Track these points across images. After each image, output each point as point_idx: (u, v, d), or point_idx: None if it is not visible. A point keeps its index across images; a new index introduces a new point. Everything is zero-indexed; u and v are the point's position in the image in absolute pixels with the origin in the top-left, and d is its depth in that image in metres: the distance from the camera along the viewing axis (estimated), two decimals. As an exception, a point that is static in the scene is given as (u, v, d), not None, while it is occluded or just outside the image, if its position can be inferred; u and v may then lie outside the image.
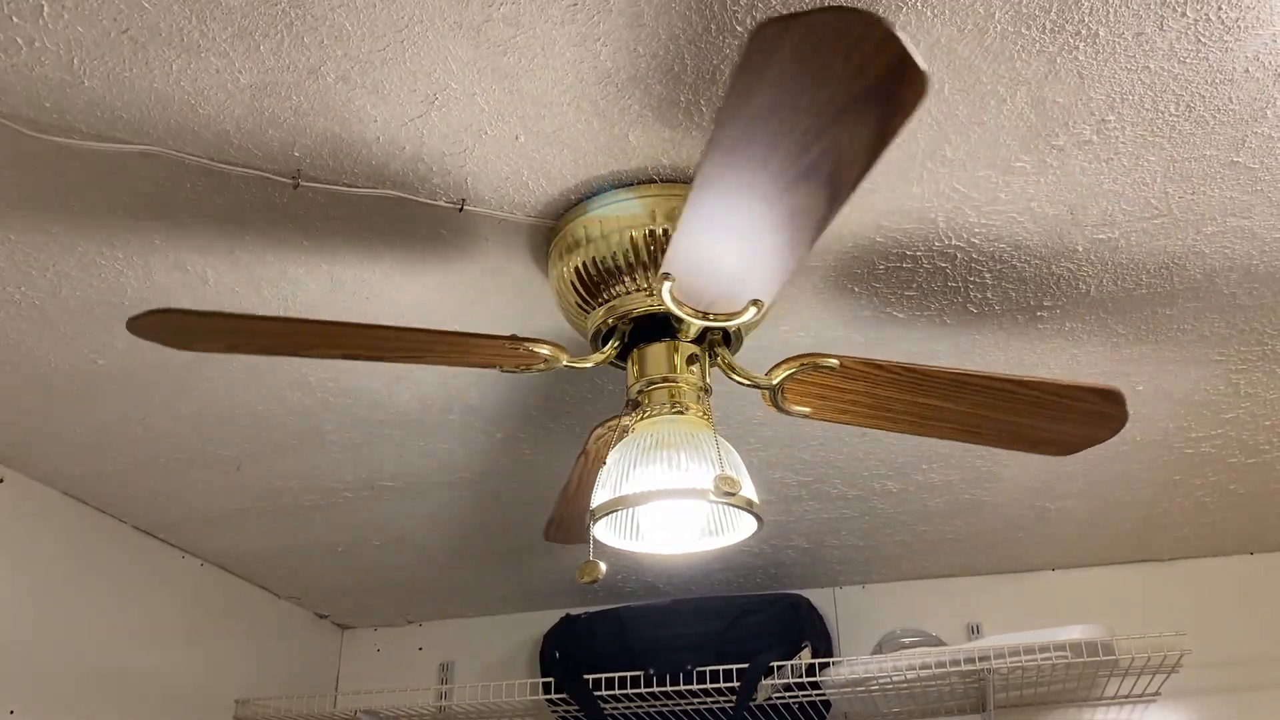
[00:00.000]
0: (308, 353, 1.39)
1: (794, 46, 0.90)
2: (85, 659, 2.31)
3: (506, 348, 1.38)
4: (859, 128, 0.97)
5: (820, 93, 0.94)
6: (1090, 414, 1.50)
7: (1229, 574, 2.72)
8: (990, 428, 1.53)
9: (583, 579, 1.36)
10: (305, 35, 1.18)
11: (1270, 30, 1.19)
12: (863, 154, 1.00)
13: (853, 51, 0.89)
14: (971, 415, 1.49)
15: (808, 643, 2.56)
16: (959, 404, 1.46)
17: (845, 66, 0.91)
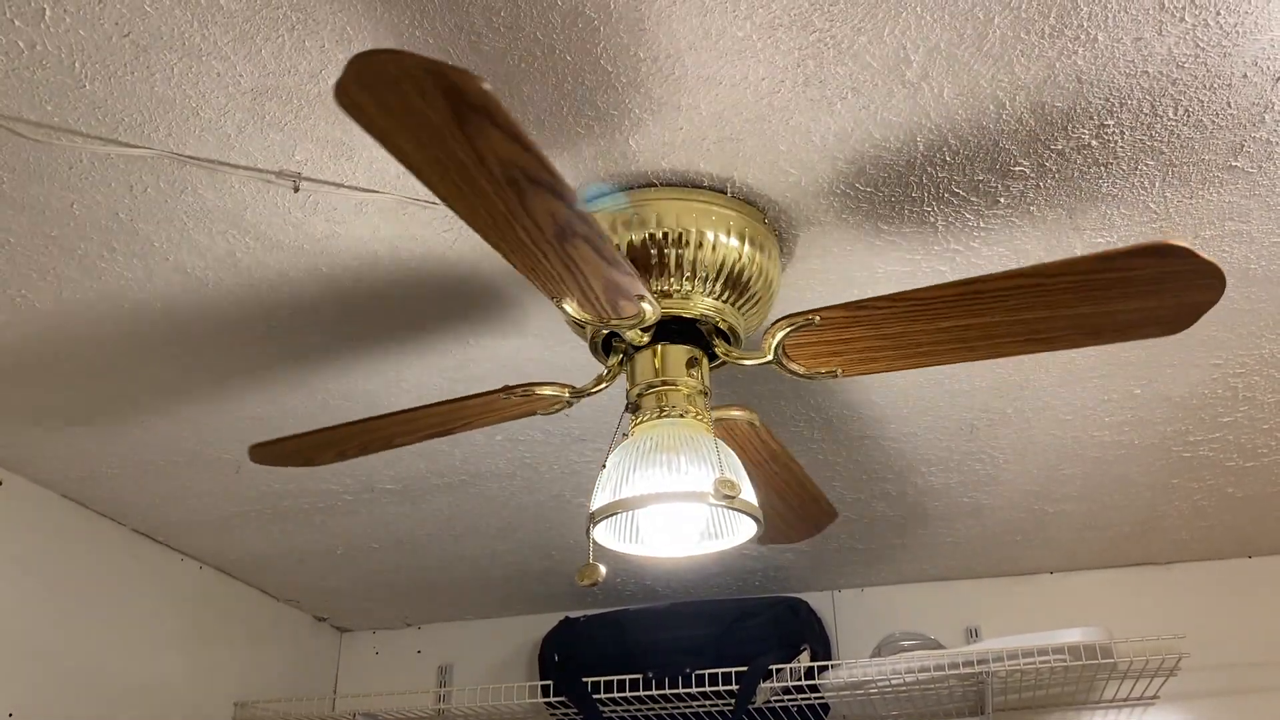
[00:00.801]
0: (395, 443, 1.57)
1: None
2: (84, 662, 2.31)
3: (516, 401, 1.43)
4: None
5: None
6: (1174, 281, 1.26)
7: (1227, 577, 2.73)
8: (1049, 328, 1.34)
9: (582, 582, 1.36)
10: (306, 39, 1.18)
11: (1268, 35, 1.20)
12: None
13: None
14: (1008, 323, 1.30)
15: (806, 646, 2.56)
16: (987, 316, 1.29)
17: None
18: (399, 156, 1.03)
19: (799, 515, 1.85)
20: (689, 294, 1.43)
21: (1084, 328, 1.29)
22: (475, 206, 1.10)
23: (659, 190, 1.42)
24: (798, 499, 1.79)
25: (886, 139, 1.34)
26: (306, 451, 1.63)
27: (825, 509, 1.85)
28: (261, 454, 1.64)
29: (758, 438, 1.60)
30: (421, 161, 1.03)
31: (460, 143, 0.99)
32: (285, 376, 1.86)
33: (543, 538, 2.56)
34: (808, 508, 1.83)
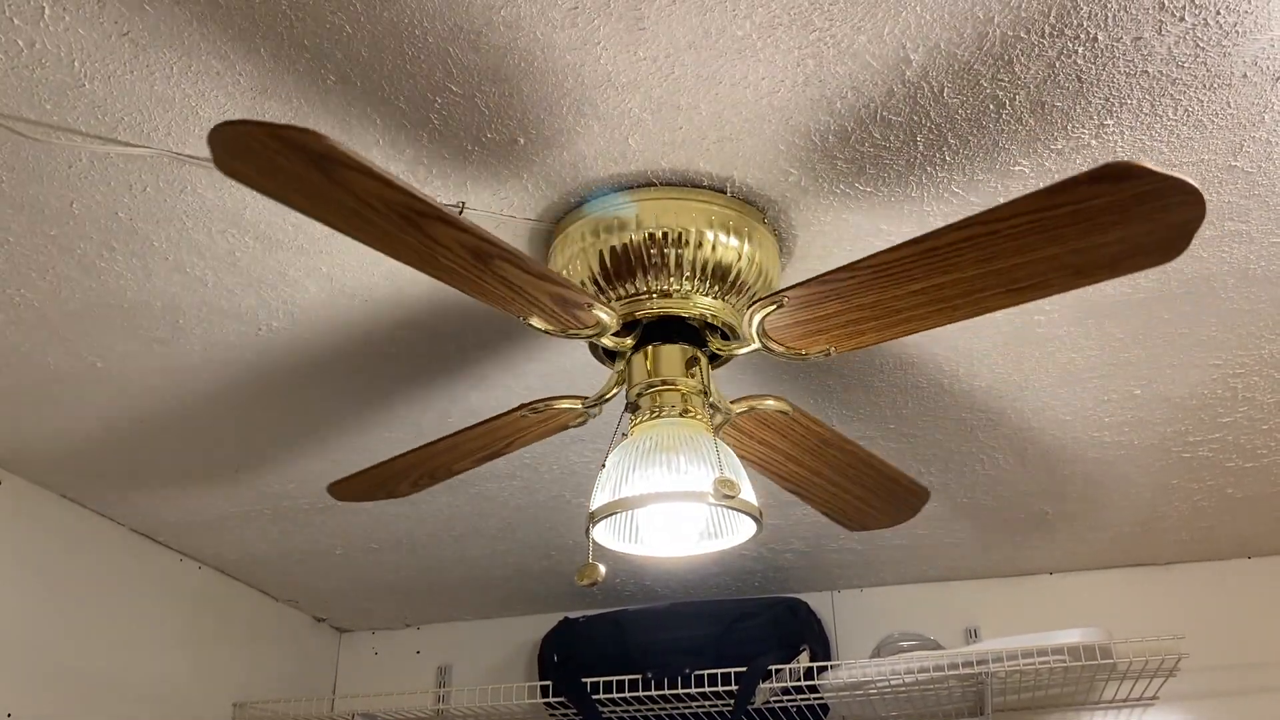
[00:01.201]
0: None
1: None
2: (83, 662, 2.31)
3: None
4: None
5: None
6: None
7: (1227, 578, 2.73)
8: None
9: (582, 581, 1.36)
10: (305, 38, 1.18)
11: (1268, 35, 1.20)
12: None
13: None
14: (981, 276, 1.25)
15: (806, 646, 2.56)
16: (956, 272, 1.24)
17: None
18: (302, 211, 1.09)
19: (880, 498, 1.77)
20: (688, 294, 1.43)
21: (1064, 268, 1.18)
22: (394, 245, 1.16)
23: (658, 190, 1.42)
24: (871, 480, 1.72)
25: (887, 139, 1.34)
26: (386, 484, 1.74)
27: (908, 488, 1.76)
28: (341, 491, 1.76)
29: (799, 424, 1.58)
30: (322, 213, 1.10)
31: (338, 191, 1.06)
32: (282, 376, 1.86)
33: (542, 538, 2.56)
34: (887, 489, 1.75)
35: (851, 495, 1.76)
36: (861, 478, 1.71)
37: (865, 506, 1.80)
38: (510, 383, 1.89)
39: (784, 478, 1.71)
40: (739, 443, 1.61)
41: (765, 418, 1.56)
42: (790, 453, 1.64)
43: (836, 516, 1.82)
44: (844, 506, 1.79)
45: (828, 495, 1.75)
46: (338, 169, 1.03)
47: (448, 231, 1.14)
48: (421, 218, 1.12)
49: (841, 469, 1.69)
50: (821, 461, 1.66)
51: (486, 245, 1.17)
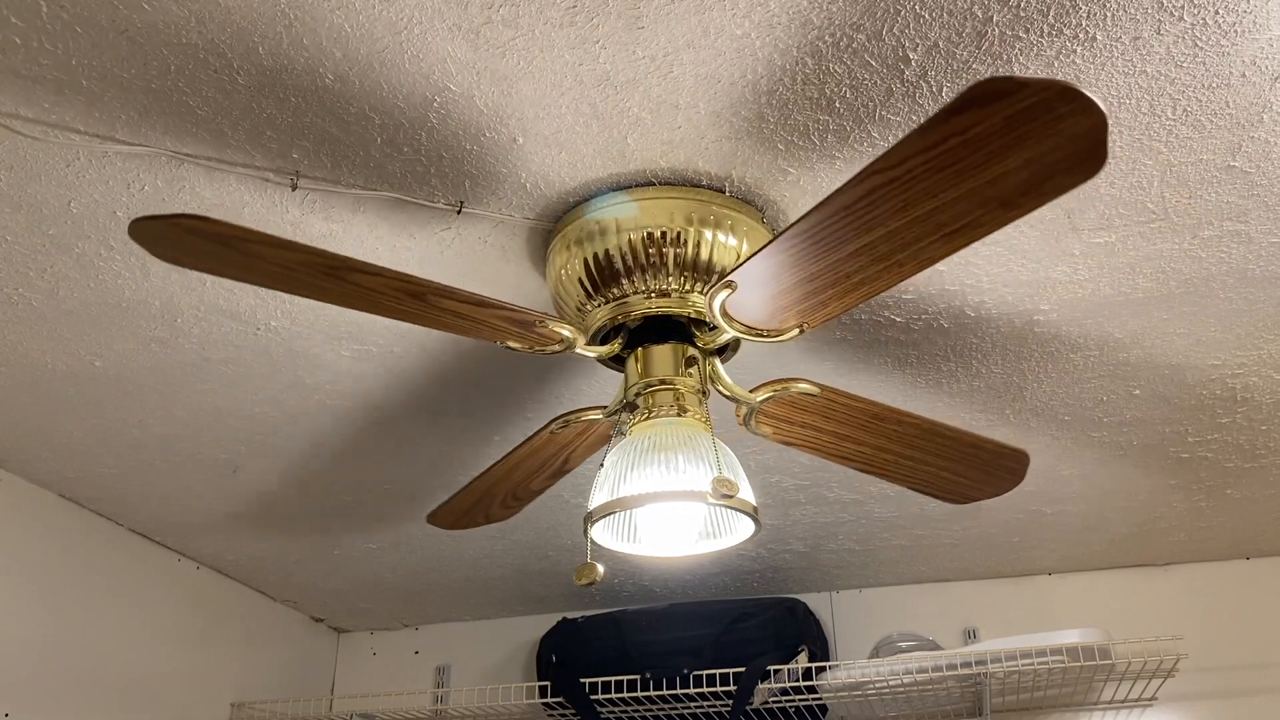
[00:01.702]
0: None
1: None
2: (81, 662, 2.31)
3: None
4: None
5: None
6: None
7: (1225, 579, 2.73)
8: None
9: (580, 581, 1.36)
10: (304, 36, 1.18)
11: (1267, 35, 1.20)
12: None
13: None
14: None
15: (804, 647, 2.56)
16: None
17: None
18: (249, 282, 1.21)
19: (968, 466, 1.65)
20: (686, 293, 1.43)
21: (986, 202, 1.12)
22: (334, 296, 1.26)
23: (657, 189, 1.41)
24: (949, 450, 1.62)
25: (885, 138, 1.34)
26: (486, 510, 1.78)
27: (996, 452, 1.63)
28: (441, 520, 1.80)
29: (836, 402, 1.51)
30: (257, 279, 1.21)
31: (257, 261, 1.17)
32: (282, 375, 1.85)
33: (540, 538, 2.55)
34: (971, 457, 1.63)
35: (933, 468, 1.64)
36: (938, 449, 1.60)
37: (955, 477, 1.67)
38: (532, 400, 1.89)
39: (848, 459, 1.62)
40: (779, 430, 1.55)
41: (795, 401, 1.50)
42: (841, 432, 1.56)
43: (930, 491, 1.71)
44: (931, 480, 1.68)
45: (906, 471, 1.65)
46: (244, 244, 1.14)
47: (369, 279, 1.22)
48: (339, 270, 1.20)
49: (910, 442, 1.58)
50: (882, 437, 1.57)
51: (414, 285, 1.24)
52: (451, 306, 1.29)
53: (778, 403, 1.50)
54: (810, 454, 1.61)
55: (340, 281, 1.23)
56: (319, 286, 1.23)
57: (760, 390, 1.49)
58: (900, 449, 1.60)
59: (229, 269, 1.19)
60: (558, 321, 1.36)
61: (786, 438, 1.57)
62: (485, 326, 1.34)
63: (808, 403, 1.51)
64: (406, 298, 1.26)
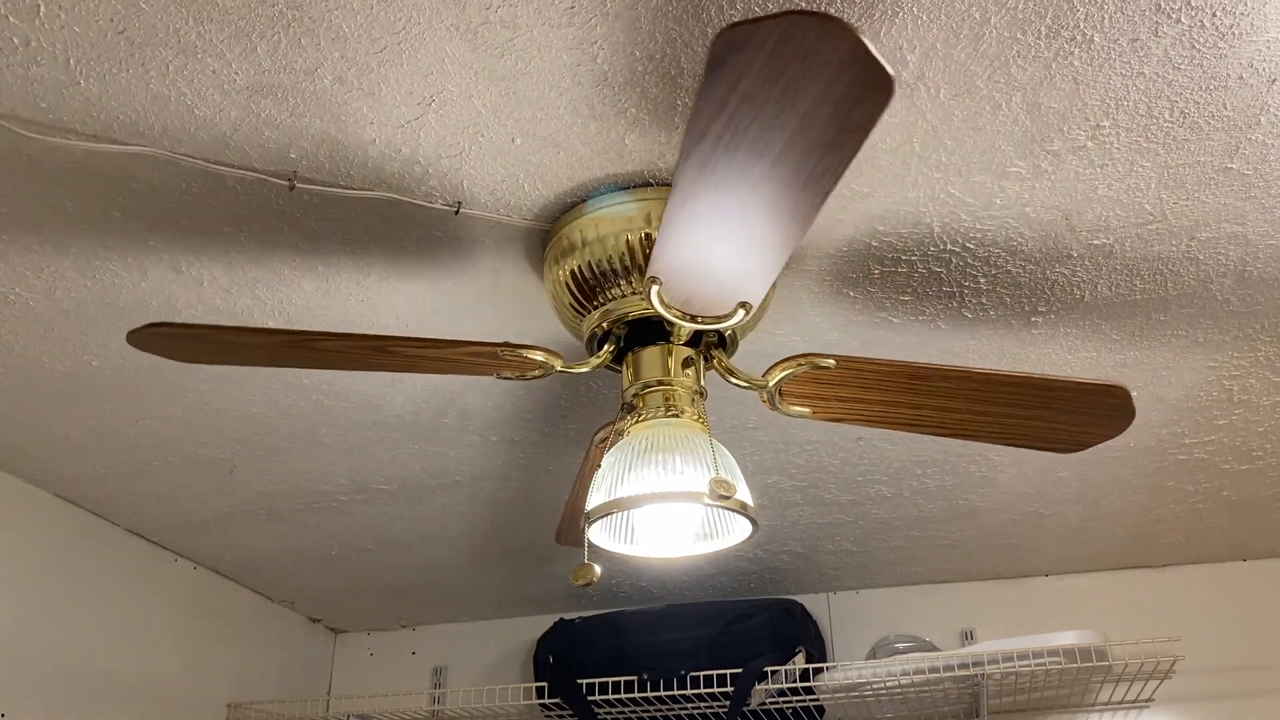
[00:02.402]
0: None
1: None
2: (77, 662, 2.30)
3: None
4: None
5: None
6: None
7: (1222, 580, 2.73)
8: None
9: (577, 582, 1.35)
10: (302, 37, 1.18)
11: (1264, 37, 1.20)
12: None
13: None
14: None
15: (801, 648, 2.56)
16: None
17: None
18: (236, 364, 1.42)
19: (1060, 411, 1.49)
20: None
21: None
22: (311, 361, 1.39)
23: (656, 190, 1.41)
24: (1028, 398, 1.47)
25: (882, 140, 1.34)
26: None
27: (1084, 390, 1.44)
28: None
29: (865, 370, 1.42)
30: (246, 360, 1.39)
31: (243, 351, 1.37)
32: (279, 375, 1.85)
33: (538, 539, 2.55)
34: (1058, 400, 1.47)
35: (1017, 419, 1.50)
36: (1010, 398, 1.46)
37: (1049, 425, 1.52)
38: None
39: (913, 425, 1.52)
40: (817, 408, 1.48)
41: (820, 377, 1.42)
42: (889, 399, 1.46)
43: (1031, 444, 1.56)
44: (1024, 432, 1.53)
45: (988, 427, 1.52)
46: (220, 335, 1.32)
47: (335, 343, 1.35)
48: (304, 343, 1.35)
49: (976, 397, 1.45)
50: (940, 396, 1.45)
51: (376, 340, 1.36)
52: (416, 353, 1.39)
53: (801, 381, 1.43)
54: (874, 427, 1.51)
55: (310, 351, 1.37)
56: (294, 359, 1.39)
57: (772, 372, 1.43)
58: (970, 406, 1.47)
59: (214, 358, 1.41)
60: (529, 349, 1.40)
61: (830, 414, 1.49)
62: (458, 365, 1.39)
63: (833, 376, 1.42)
64: (372, 353, 1.39)
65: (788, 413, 1.48)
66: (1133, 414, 1.49)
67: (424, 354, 1.39)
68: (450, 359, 1.40)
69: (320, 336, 1.33)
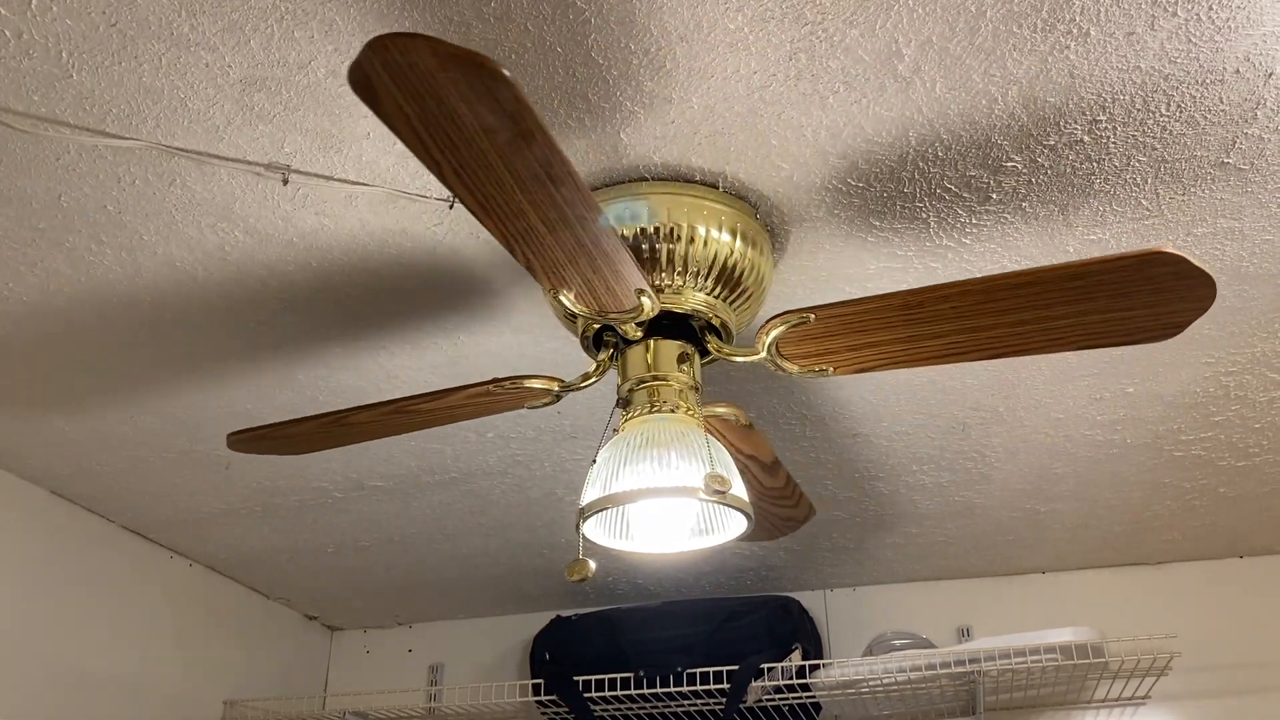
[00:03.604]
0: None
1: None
2: (72, 659, 2.30)
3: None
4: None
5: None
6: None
7: (1219, 577, 2.72)
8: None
9: (572, 577, 1.35)
10: (295, 29, 1.18)
11: (1260, 30, 1.20)
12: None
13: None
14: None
15: (798, 645, 2.56)
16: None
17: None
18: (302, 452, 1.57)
19: (1119, 296, 1.23)
20: (680, 289, 1.43)
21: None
22: (359, 437, 1.51)
23: (650, 184, 1.41)
24: (1068, 291, 1.23)
25: (879, 134, 1.34)
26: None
27: (1125, 266, 1.18)
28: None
29: (852, 313, 1.32)
30: (305, 449, 1.50)
31: (299, 438, 1.55)
32: (275, 371, 1.85)
33: (534, 536, 2.55)
34: (1105, 285, 1.21)
35: (1070, 317, 1.26)
36: (1044, 299, 1.25)
37: (1107, 315, 1.26)
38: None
39: (948, 354, 1.36)
40: (833, 362, 1.39)
41: (813, 334, 1.34)
42: (899, 335, 1.32)
43: (1101, 341, 1.31)
44: (1085, 330, 1.29)
45: (1036, 336, 1.31)
46: (282, 431, 1.51)
47: (363, 415, 1.52)
48: (343, 421, 1.54)
49: (995, 309, 1.27)
50: (952, 319, 1.29)
51: (394, 405, 1.49)
52: (429, 408, 1.50)
53: (801, 341, 1.35)
54: (906, 367, 1.38)
55: (347, 427, 1.55)
56: (336, 437, 1.59)
57: (760, 340, 1.38)
58: (994, 320, 1.29)
59: (284, 449, 1.63)
60: (525, 379, 1.43)
61: (848, 365, 1.39)
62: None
63: (827, 328, 1.33)
64: (398, 415, 1.52)
65: (809, 374, 1.41)
66: (1200, 276, 1.18)
67: (435, 407, 1.50)
68: (467, 404, 1.49)
69: (352, 413, 1.52)
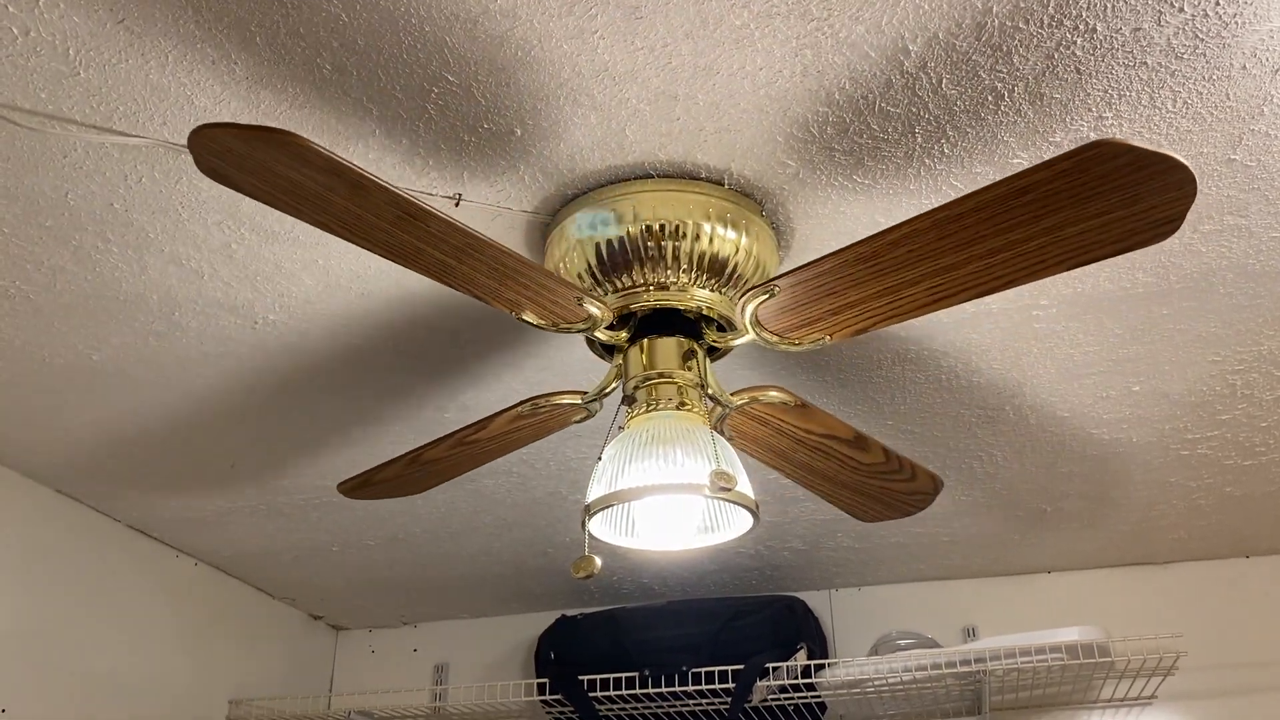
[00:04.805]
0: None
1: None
2: (78, 658, 2.30)
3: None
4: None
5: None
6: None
7: (1225, 577, 2.72)
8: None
9: (578, 574, 1.35)
10: (301, 26, 1.18)
11: (1267, 26, 1.19)
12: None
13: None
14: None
15: (803, 644, 2.56)
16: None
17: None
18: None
19: (1083, 201, 1.10)
20: (686, 286, 1.43)
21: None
22: (449, 472, 1.44)
23: (656, 181, 1.41)
24: (1017, 212, 1.13)
25: (885, 130, 1.34)
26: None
27: (1067, 167, 1.06)
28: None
29: (815, 275, 1.28)
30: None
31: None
32: (278, 369, 1.85)
33: (539, 535, 2.55)
34: (1056, 198, 1.10)
35: (1043, 238, 1.16)
36: (1008, 219, 1.15)
37: (1095, 223, 1.13)
38: (509, 379, 1.88)
39: (935, 300, 1.28)
40: (824, 329, 1.36)
41: (788, 304, 1.33)
42: (875, 289, 1.27)
43: (1102, 252, 1.18)
44: (1077, 245, 1.17)
45: (1014, 262, 1.21)
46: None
47: (436, 451, 1.50)
48: (416, 458, 1.52)
49: (964, 239, 1.19)
50: (922, 261, 1.22)
51: (457, 438, 1.48)
52: (487, 437, 1.55)
53: (782, 314, 1.34)
54: (896, 321, 1.34)
55: (426, 466, 1.59)
56: (423, 477, 1.64)
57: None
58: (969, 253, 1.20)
59: (387, 493, 1.68)
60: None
61: (836, 329, 1.36)
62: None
63: (800, 295, 1.30)
64: (461, 449, 1.57)
65: (810, 345, 1.39)
66: (1162, 161, 1.04)
67: (490, 436, 1.57)
68: (508, 433, 1.53)
69: (426, 450, 1.61)
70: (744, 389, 1.51)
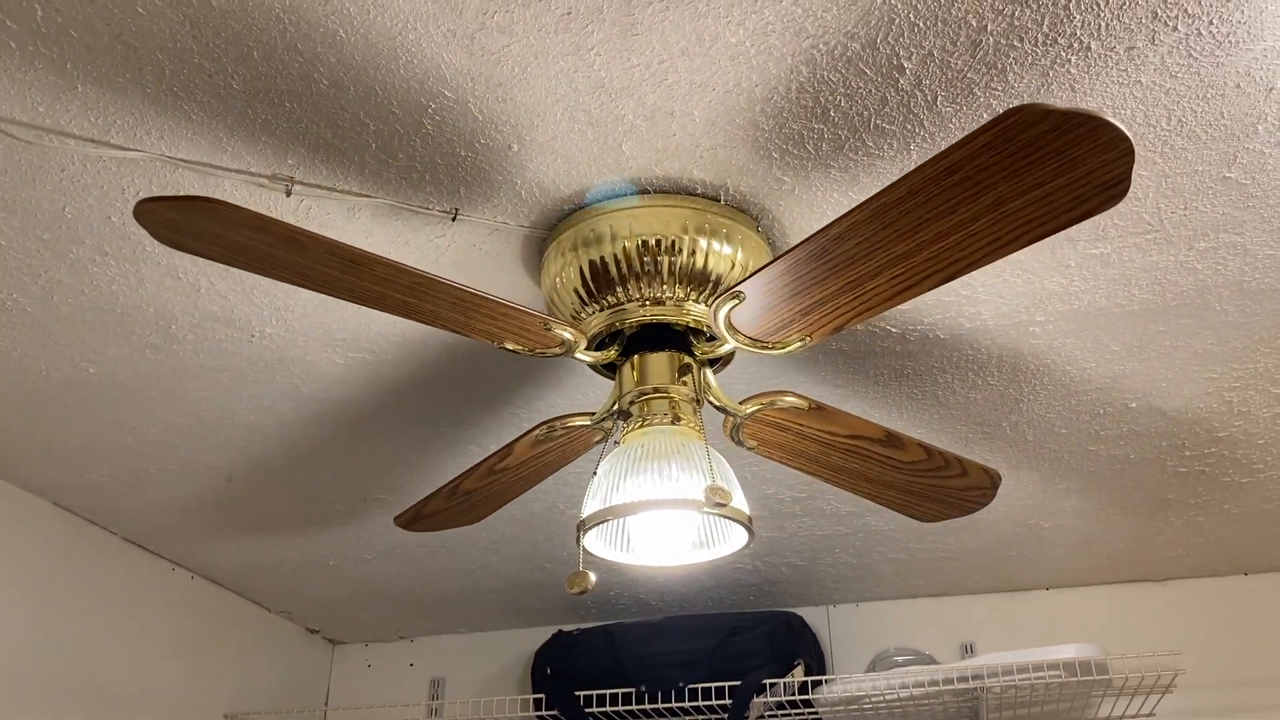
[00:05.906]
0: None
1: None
2: (74, 671, 2.29)
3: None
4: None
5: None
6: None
7: (1223, 594, 2.71)
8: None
9: (572, 589, 1.35)
10: (298, 41, 1.18)
11: (1261, 45, 1.20)
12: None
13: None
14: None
15: (800, 661, 2.55)
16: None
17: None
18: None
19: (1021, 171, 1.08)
20: (681, 301, 1.43)
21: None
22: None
23: (652, 197, 1.41)
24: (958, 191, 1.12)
25: (880, 147, 1.34)
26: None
27: (989, 135, 1.04)
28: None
29: (777, 281, 1.28)
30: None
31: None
32: (276, 382, 1.85)
33: (536, 549, 2.55)
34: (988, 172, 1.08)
35: (991, 213, 1.13)
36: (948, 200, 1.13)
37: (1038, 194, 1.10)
38: (517, 405, 1.89)
39: (903, 289, 1.27)
40: (803, 330, 1.35)
41: (763, 311, 1.33)
42: (836, 287, 1.27)
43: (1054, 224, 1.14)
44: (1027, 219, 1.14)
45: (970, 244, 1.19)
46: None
47: (473, 481, 1.53)
48: (454, 488, 1.56)
49: (913, 226, 1.16)
50: (871, 256, 1.21)
51: (489, 464, 1.50)
52: (515, 465, 1.55)
53: (749, 325, 1.35)
54: (873, 314, 1.32)
55: (467, 497, 1.58)
56: (470, 508, 1.63)
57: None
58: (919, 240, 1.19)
59: (437, 526, 1.66)
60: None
61: (813, 328, 1.35)
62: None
63: (765, 298, 1.30)
64: (492, 478, 1.56)
65: (789, 349, 1.39)
66: (1087, 122, 1.00)
67: (519, 463, 1.61)
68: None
69: (463, 480, 1.64)
70: (753, 396, 1.50)
